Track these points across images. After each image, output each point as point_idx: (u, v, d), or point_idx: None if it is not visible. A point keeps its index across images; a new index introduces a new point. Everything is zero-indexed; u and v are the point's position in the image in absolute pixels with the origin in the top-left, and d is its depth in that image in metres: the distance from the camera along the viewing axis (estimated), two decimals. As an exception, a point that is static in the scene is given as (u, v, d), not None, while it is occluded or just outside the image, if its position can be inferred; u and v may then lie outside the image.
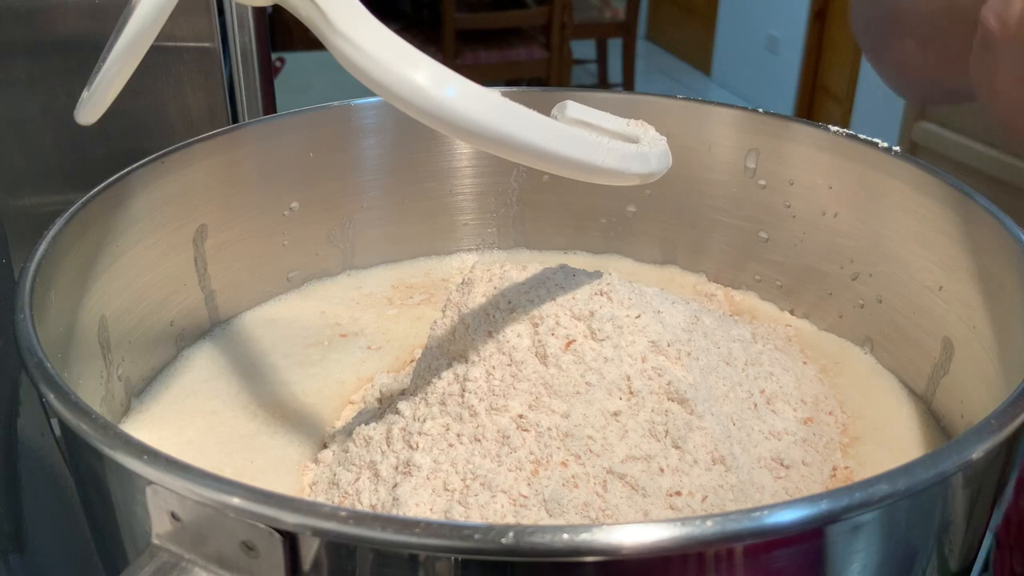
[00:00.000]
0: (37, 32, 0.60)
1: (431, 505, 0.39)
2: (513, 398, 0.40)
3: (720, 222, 0.61)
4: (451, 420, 0.41)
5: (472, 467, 0.39)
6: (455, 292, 0.46)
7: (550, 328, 0.41)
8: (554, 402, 0.40)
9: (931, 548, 0.33)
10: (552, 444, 0.39)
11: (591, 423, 0.39)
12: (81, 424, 0.31)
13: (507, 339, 0.42)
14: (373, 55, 0.32)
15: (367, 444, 0.43)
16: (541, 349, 0.41)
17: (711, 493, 0.39)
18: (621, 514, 0.37)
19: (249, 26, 0.66)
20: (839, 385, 0.52)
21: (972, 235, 0.47)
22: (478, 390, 0.41)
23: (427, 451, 0.40)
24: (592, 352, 0.41)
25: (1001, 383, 0.43)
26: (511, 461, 0.39)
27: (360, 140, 0.60)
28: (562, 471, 0.38)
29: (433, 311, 0.59)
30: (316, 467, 0.46)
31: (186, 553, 0.30)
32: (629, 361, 0.41)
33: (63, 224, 0.43)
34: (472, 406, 0.40)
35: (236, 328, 0.57)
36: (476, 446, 0.40)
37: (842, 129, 0.54)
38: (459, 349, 0.43)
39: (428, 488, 0.39)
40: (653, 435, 0.39)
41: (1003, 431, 0.32)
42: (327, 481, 0.44)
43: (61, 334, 0.42)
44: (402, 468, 0.40)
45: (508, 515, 0.37)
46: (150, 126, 0.64)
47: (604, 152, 0.38)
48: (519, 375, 0.41)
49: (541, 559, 0.27)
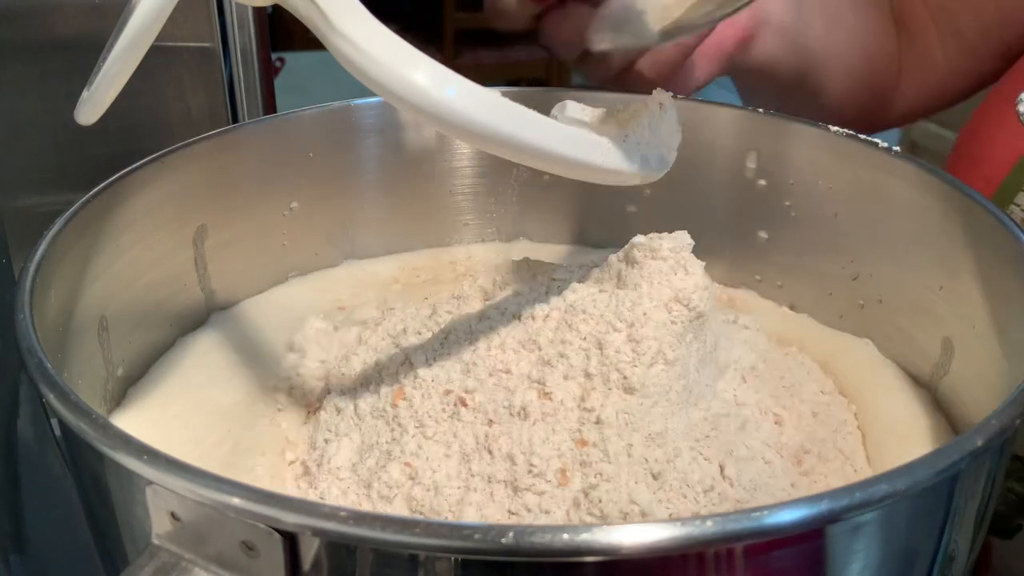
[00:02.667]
0: (37, 32, 0.60)
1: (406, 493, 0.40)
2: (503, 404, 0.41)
3: (720, 222, 0.61)
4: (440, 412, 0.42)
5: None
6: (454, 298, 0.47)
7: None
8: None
9: (931, 548, 0.33)
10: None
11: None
12: (81, 424, 0.31)
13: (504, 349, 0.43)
14: (373, 55, 0.32)
15: (351, 417, 0.44)
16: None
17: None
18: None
19: (249, 26, 0.66)
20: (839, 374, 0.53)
21: (972, 235, 0.47)
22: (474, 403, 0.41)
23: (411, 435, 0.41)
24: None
25: (1001, 383, 0.43)
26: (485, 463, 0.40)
27: (360, 140, 0.60)
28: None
29: (439, 288, 0.59)
30: (298, 442, 0.46)
31: (186, 553, 0.30)
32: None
33: (63, 224, 0.43)
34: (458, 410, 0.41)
35: (234, 311, 0.57)
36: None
37: (842, 129, 0.54)
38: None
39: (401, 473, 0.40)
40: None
41: (1003, 431, 0.32)
42: (307, 453, 0.44)
43: (61, 334, 0.42)
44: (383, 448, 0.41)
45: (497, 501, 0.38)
46: (150, 126, 0.64)
47: (604, 152, 0.38)
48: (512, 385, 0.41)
49: (541, 559, 0.27)
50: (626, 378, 0.40)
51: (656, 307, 0.42)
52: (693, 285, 0.43)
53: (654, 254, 0.44)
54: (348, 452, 0.42)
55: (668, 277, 0.43)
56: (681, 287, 0.43)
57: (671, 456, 0.39)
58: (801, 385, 0.49)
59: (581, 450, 0.38)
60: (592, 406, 0.40)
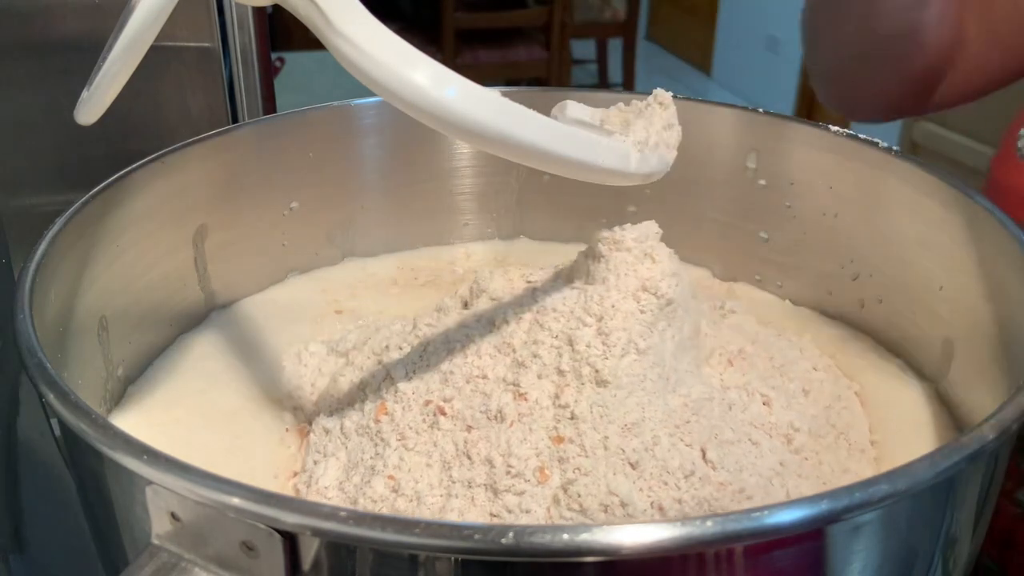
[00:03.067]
0: (37, 32, 0.60)
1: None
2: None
3: (720, 222, 0.61)
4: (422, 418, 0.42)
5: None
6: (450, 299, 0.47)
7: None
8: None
9: (931, 548, 0.33)
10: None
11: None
12: (81, 424, 0.31)
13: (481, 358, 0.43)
14: (373, 55, 0.32)
15: (338, 437, 0.44)
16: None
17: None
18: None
19: (249, 26, 0.66)
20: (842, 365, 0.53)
21: (972, 235, 0.47)
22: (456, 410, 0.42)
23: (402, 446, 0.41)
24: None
25: (1001, 383, 0.43)
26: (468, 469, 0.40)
27: (360, 140, 0.60)
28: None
29: (436, 292, 0.59)
30: (298, 443, 0.46)
31: (186, 553, 0.30)
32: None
33: (63, 224, 0.43)
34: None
35: (233, 309, 0.57)
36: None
37: (842, 129, 0.54)
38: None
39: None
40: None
41: (1003, 432, 0.32)
42: (308, 456, 0.44)
43: (61, 334, 0.42)
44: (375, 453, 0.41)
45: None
46: (150, 126, 0.64)
47: (604, 152, 0.38)
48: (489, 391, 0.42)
49: (541, 559, 0.27)
50: (598, 371, 0.40)
51: (624, 298, 0.42)
52: (660, 273, 0.43)
53: (618, 246, 0.44)
54: (335, 471, 0.42)
55: (634, 267, 0.43)
56: (648, 276, 0.43)
57: (649, 444, 0.39)
58: (792, 364, 0.49)
59: (558, 447, 0.39)
60: (566, 402, 0.40)
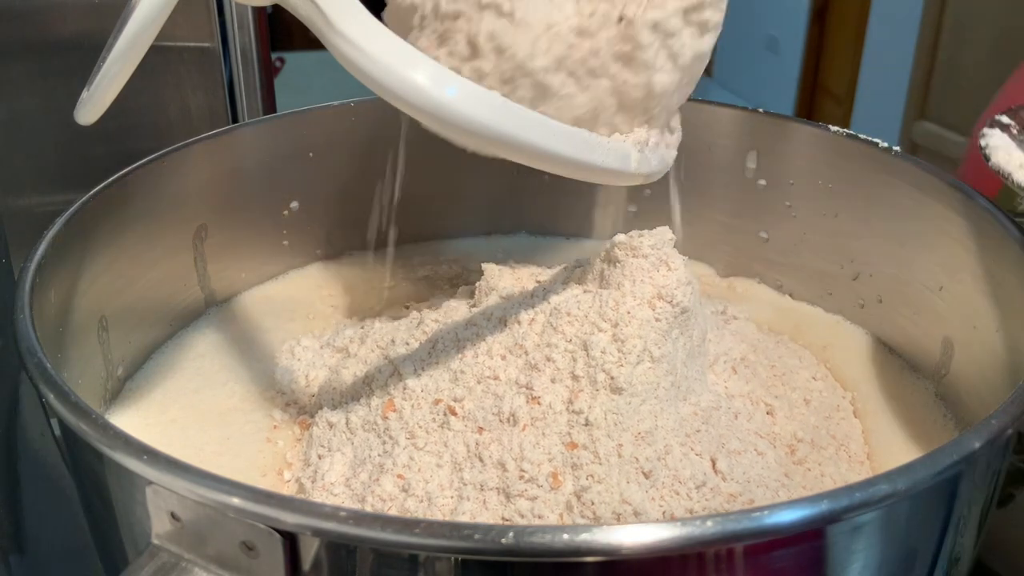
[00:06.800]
0: (37, 32, 0.60)
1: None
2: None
3: (720, 222, 0.61)
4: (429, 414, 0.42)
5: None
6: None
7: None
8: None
9: (931, 548, 0.33)
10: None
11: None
12: (81, 424, 0.31)
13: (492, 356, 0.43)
14: (373, 55, 0.32)
15: (343, 431, 0.44)
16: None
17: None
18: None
19: (249, 26, 0.66)
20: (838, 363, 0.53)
21: (972, 235, 0.47)
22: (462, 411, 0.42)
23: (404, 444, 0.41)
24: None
25: (1002, 383, 0.43)
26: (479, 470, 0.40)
27: (360, 140, 0.60)
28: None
29: (437, 289, 0.59)
30: (294, 461, 0.46)
31: (186, 553, 0.30)
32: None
33: (63, 224, 0.43)
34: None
35: (230, 305, 0.57)
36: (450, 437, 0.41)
37: (842, 129, 0.54)
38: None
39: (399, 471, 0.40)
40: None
41: (1003, 431, 0.32)
42: (300, 460, 0.44)
43: (61, 334, 0.42)
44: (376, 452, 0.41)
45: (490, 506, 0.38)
46: (150, 126, 0.64)
47: (604, 152, 0.38)
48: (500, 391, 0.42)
49: (541, 559, 0.27)
50: (613, 378, 0.40)
51: (640, 305, 0.42)
52: (676, 281, 0.43)
53: (635, 252, 0.44)
54: (341, 467, 0.42)
55: (650, 274, 0.43)
56: (664, 283, 0.43)
57: (662, 454, 0.39)
58: (793, 372, 0.49)
59: (571, 453, 0.38)
60: (580, 408, 0.39)
